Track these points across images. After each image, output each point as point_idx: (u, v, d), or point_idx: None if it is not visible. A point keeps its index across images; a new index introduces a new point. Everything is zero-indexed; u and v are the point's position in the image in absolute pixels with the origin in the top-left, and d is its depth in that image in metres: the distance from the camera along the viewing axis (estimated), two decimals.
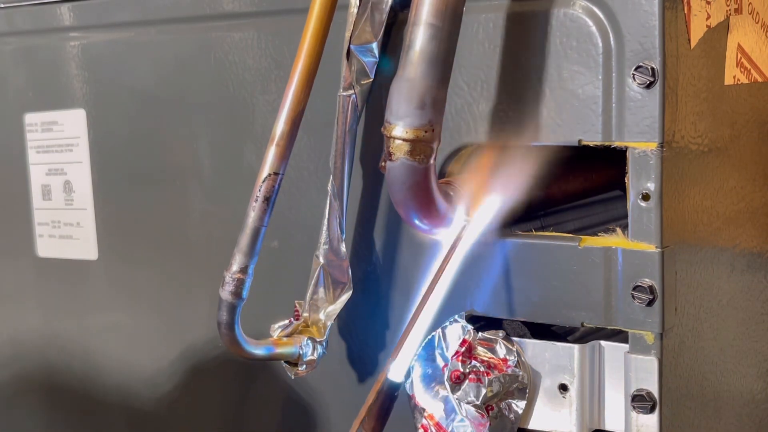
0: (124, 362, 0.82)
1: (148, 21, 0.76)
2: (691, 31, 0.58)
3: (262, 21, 0.71)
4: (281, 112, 0.62)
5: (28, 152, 0.85)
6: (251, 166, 0.71)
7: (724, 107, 0.62)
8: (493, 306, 0.62)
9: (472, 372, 0.60)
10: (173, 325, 0.79)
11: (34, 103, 0.84)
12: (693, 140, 0.59)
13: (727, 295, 0.65)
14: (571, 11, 0.58)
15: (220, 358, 0.67)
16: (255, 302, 0.63)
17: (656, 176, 0.56)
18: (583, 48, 0.57)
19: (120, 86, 0.79)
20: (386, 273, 0.67)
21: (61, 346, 0.85)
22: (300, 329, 0.65)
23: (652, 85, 0.55)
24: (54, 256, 0.85)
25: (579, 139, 0.58)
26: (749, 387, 0.70)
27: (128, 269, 0.81)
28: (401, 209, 0.57)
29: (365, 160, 0.66)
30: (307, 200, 0.69)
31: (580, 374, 0.59)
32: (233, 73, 0.72)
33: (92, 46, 0.80)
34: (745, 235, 0.67)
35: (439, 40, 0.53)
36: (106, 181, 0.81)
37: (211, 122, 0.74)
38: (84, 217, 0.82)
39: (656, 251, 0.56)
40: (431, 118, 0.54)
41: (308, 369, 0.65)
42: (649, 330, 0.57)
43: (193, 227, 0.76)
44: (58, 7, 0.81)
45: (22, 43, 0.84)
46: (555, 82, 0.58)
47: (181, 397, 0.80)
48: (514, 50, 0.60)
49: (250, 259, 0.62)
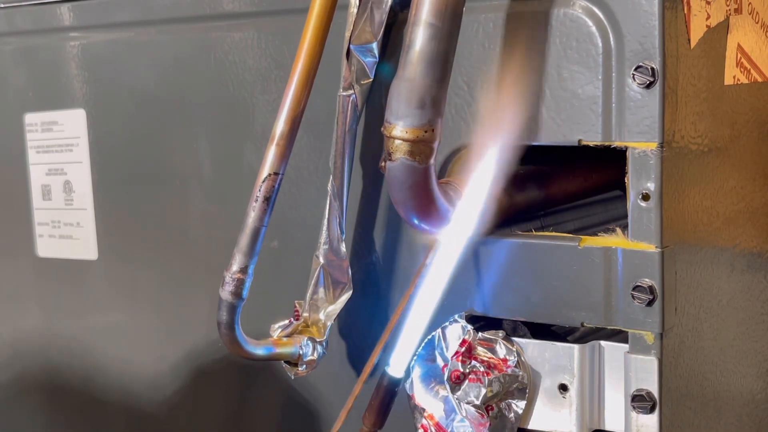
0: (124, 362, 0.82)
1: (148, 21, 0.76)
2: (691, 31, 0.58)
3: (262, 21, 0.71)
4: (281, 112, 0.62)
5: (28, 152, 0.85)
6: (251, 166, 0.71)
7: (724, 107, 0.62)
8: (493, 306, 0.62)
9: (472, 372, 0.60)
10: (173, 326, 0.79)
11: (34, 103, 0.84)
12: (693, 140, 0.59)
13: (727, 295, 0.65)
14: (571, 11, 0.58)
15: (221, 358, 0.67)
16: (255, 302, 0.63)
17: (656, 176, 0.56)
18: (582, 48, 0.57)
19: (120, 86, 0.79)
20: (386, 273, 0.67)
21: (62, 346, 0.85)
22: (300, 329, 0.65)
23: (652, 85, 0.55)
24: (54, 256, 0.85)
25: (579, 139, 0.58)
26: (749, 387, 0.70)
27: (128, 269, 0.81)
28: (401, 209, 0.57)
29: (365, 160, 0.66)
30: (307, 200, 0.69)
31: (580, 374, 0.59)
32: (233, 73, 0.72)
33: (92, 46, 0.80)
34: (745, 235, 0.67)
35: (438, 40, 0.53)
36: (106, 181, 0.81)
37: (211, 122, 0.74)
38: (84, 217, 0.82)
39: (656, 251, 0.56)
40: (431, 118, 0.54)
41: (308, 369, 0.65)
42: (649, 330, 0.57)
43: (193, 227, 0.76)
44: (58, 7, 0.81)
45: (22, 43, 0.84)
46: (555, 82, 0.58)
47: (182, 397, 0.80)
48: (514, 50, 0.60)
49: (250, 259, 0.62)
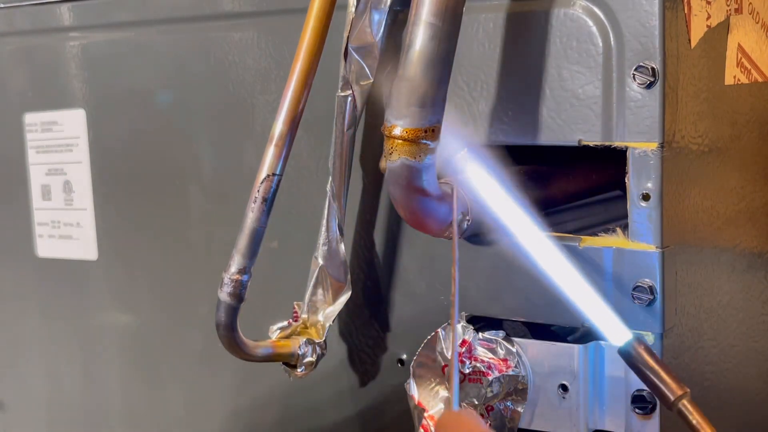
0: (124, 362, 0.82)
1: (148, 21, 0.76)
2: (691, 31, 0.58)
3: (262, 21, 0.71)
4: (280, 112, 0.61)
5: (28, 152, 0.85)
6: (251, 166, 0.71)
7: (724, 107, 0.62)
8: (493, 306, 0.62)
9: (472, 372, 0.60)
10: (173, 326, 0.79)
11: (33, 103, 0.84)
12: (693, 140, 0.59)
13: (728, 295, 0.65)
14: (571, 11, 0.57)
15: (219, 358, 0.67)
16: (253, 303, 0.63)
17: (656, 176, 0.56)
18: (583, 48, 0.57)
19: (120, 86, 0.78)
20: (386, 274, 0.67)
21: (61, 346, 0.85)
22: (299, 330, 0.65)
23: (652, 85, 0.55)
24: (54, 256, 0.85)
25: (579, 139, 0.58)
26: (749, 387, 0.70)
27: (128, 269, 0.81)
28: (401, 209, 0.57)
29: (365, 161, 0.66)
30: (307, 201, 0.69)
31: (580, 374, 0.59)
32: (233, 73, 0.72)
33: (92, 46, 0.80)
34: (745, 236, 0.67)
35: (438, 40, 0.53)
36: (105, 181, 0.81)
37: (210, 122, 0.74)
38: (84, 217, 0.82)
39: (656, 251, 0.56)
40: (431, 118, 0.53)
41: (307, 371, 0.65)
42: (649, 330, 0.57)
43: (193, 227, 0.76)
44: (57, 7, 0.81)
45: (22, 43, 0.84)
46: (555, 82, 0.58)
47: (180, 399, 0.80)
48: (514, 50, 0.60)
49: (249, 261, 0.61)
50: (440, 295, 0.64)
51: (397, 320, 0.67)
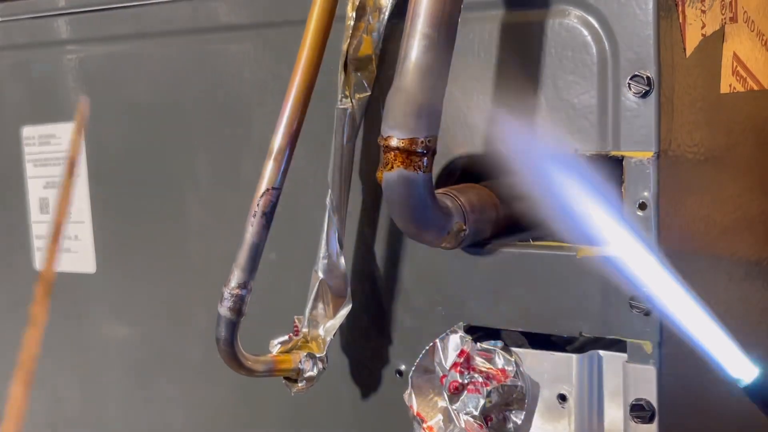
0: (122, 375, 0.82)
1: (145, 34, 0.77)
2: (686, 40, 0.58)
3: (259, 33, 0.71)
4: (278, 126, 0.61)
5: (26, 165, 0.85)
6: (249, 179, 0.71)
7: (720, 116, 0.62)
8: (491, 316, 0.62)
9: (470, 383, 0.60)
10: (172, 339, 0.79)
11: (31, 116, 0.84)
12: (689, 149, 0.59)
13: (725, 303, 0.65)
14: (567, 21, 0.58)
15: (218, 371, 0.67)
16: (254, 317, 0.63)
17: (652, 185, 0.56)
18: (578, 58, 0.57)
19: (117, 99, 0.79)
20: (386, 287, 0.67)
21: (59, 359, 0.85)
22: (299, 345, 0.65)
23: (647, 94, 0.55)
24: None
25: (575, 149, 0.58)
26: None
27: (126, 282, 0.81)
28: (398, 220, 0.57)
29: (364, 173, 0.66)
30: (306, 214, 0.69)
31: (578, 384, 0.59)
32: (230, 86, 0.72)
33: (89, 59, 0.80)
34: (742, 244, 0.67)
35: (434, 51, 0.53)
36: (103, 195, 0.81)
37: (208, 135, 0.74)
38: (82, 230, 0.82)
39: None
40: (427, 128, 0.54)
41: (308, 385, 0.65)
42: (648, 339, 0.57)
43: (191, 240, 0.76)
44: (55, 20, 0.81)
45: (19, 56, 0.84)
46: (550, 92, 0.58)
47: (179, 412, 0.79)
48: (510, 60, 0.60)
49: (249, 275, 0.61)
50: (438, 305, 0.64)
51: (397, 332, 0.67)
